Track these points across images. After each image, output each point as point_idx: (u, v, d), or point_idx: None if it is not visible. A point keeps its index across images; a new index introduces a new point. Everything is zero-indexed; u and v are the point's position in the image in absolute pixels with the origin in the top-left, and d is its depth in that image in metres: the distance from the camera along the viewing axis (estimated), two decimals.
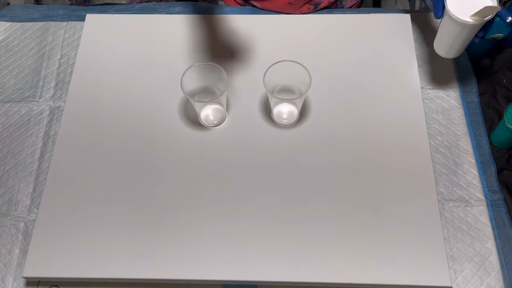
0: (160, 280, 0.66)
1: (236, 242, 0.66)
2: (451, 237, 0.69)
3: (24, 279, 0.68)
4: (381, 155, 0.72)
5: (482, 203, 0.72)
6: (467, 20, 0.64)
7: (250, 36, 0.83)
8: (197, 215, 0.68)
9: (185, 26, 0.85)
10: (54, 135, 0.79)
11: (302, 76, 0.69)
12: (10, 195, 0.74)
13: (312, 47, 0.82)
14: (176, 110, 0.77)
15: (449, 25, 0.67)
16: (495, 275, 0.67)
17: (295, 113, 0.75)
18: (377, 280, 0.64)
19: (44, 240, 0.67)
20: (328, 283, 0.64)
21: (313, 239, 0.66)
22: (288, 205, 0.69)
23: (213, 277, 0.65)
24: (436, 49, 0.73)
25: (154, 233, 0.67)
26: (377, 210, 0.68)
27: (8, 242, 0.71)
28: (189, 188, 0.70)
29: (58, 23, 0.90)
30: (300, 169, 0.71)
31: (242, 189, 0.70)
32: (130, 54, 0.83)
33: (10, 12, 0.93)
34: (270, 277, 0.64)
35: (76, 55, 0.84)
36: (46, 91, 0.83)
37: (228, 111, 0.77)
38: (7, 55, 0.88)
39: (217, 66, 0.69)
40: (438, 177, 0.73)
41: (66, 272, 0.65)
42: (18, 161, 0.77)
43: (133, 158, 0.73)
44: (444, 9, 0.66)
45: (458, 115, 0.79)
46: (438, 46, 0.73)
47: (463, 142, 0.76)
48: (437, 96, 0.80)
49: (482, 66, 0.85)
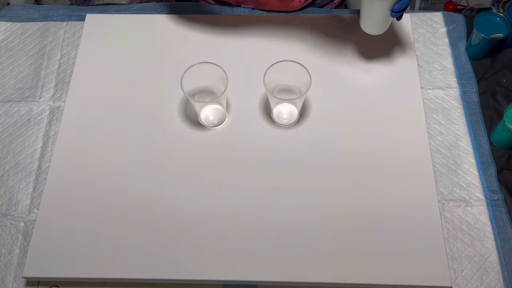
0: (160, 280, 0.66)
1: (236, 242, 0.66)
2: (451, 237, 0.69)
3: (24, 279, 0.68)
4: (381, 155, 0.72)
5: (482, 203, 0.72)
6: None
7: (250, 36, 0.83)
8: (197, 215, 0.68)
9: (185, 26, 0.85)
10: (54, 135, 0.79)
11: (302, 76, 0.69)
12: (10, 195, 0.75)
13: (312, 47, 0.82)
14: (176, 110, 0.77)
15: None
16: (495, 275, 0.67)
17: (295, 113, 0.75)
18: (377, 280, 0.64)
19: (44, 240, 0.67)
20: (328, 283, 0.64)
21: (313, 239, 0.66)
22: (288, 205, 0.69)
23: (213, 277, 0.65)
24: (361, 26, 0.75)
25: (154, 233, 0.67)
26: (377, 210, 0.68)
27: (8, 242, 0.71)
28: (189, 188, 0.70)
29: (58, 23, 0.90)
30: (300, 169, 0.71)
31: (242, 189, 0.70)
32: (130, 54, 0.83)
33: (10, 12, 0.93)
34: (270, 277, 0.64)
35: (76, 55, 0.84)
36: (46, 91, 0.83)
37: (228, 111, 0.77)
38: (7, 55, 0.88)
39: (217, 66, 0.69)
40: (438, 177, 0.73)
41: (66, 272, 0.65)
42: (18, 161, 0.77)
43: (133, 158, 0.73)
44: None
45: (458, 115, 0.79)
46: (360, 22, 0.74)
47: (463, 142, 0.76)
48: (437, 96, 0.80)
49: (482, 66, 0.85)
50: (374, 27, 0.73)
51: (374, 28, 0.73)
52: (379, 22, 0.72)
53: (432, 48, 0.85)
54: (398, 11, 0.68)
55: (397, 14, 0.69)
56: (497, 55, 0.86)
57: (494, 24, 0.83)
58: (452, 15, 0.88)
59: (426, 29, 0.87)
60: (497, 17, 0.83)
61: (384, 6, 0.68)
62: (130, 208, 0.69)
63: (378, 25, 0.73)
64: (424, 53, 0.84)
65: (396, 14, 0.68)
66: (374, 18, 0.71)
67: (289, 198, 0.69)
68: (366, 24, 0.73)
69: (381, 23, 0.72)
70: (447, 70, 0.83)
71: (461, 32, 0.86)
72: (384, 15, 0.70)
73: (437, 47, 0.85)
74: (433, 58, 0.84)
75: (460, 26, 0.87)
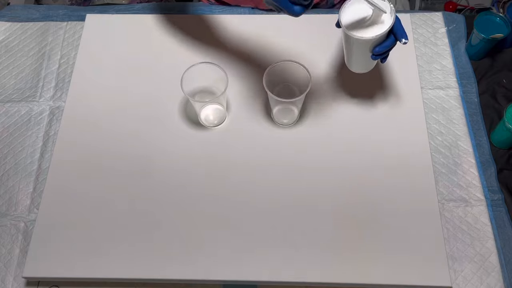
0: (160, 280, 0.66)
1: (236, 242, 0.66)
2: (451, 237, 0.69)
3: (24, 279, 0.68)
4: (381, 154, 0.72)
5: (482, 203, 0.72)
6: (353, 34, 0.59)
7: (250, 36, 0.83)
8: (197, 215, 0.68)
9: (185, 26, 0.85)
10: (54, 135, 0.79)
11: (302, 76, 0.69)
12: (10, 195, 0.75)
13: (312, 47, 0.82)
14: (176, 110, 0.77)
15: (343, 37, 0.64)
16: (495, 275, 0.67)
17: (295, 113, 0.75)
18: (377, 280, 0.64)
19: (44, 240, 0.67)
20: (328, 283, 0.64)
21: (313, 239, 0.66)
22: (288, 204, 0.69)
23: (213, 277, 0.65)
24: (346, 63, 0.70)
25: (154, 233, 0.67)
26: (377, 210, 0.68)
27: (8, 242, 0.71)
28: (189, 188, 0.70)
29: (58, 23, 0.90)
30: (300, 169, 0.71)
31: (242, 189, 0.70)
32: (130, 54, 0.83)
33: (10, 12, 0.93)
34: (270, 277, 0.64)
35: (76, 55, 0.84)
36: (46, 91, 0.83)
37: (228, 111, 0.77)
38: (7, 55, 0.88)
39: (217, 66, 0.69)
40: (438, 177, 0.73)
41: (66, 272, 0.65)
42: (18, 161, 0.77)
43: (133, 158, 0.73)
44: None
45: (458, 115, 0.79)
46: (345, 59, 0.69)
47: (463, 142, 0.76)
48: (437, 96, 0.80)
49: (482, 66, 0.85)
50: (357, 66, 0.69)
51: (358, 68, 0.69)
52: (361, 62, 0.67)
53: (432, 48, 0.85)
54: (379, 54, 0.62)
55: (378, 57, 0.63)
56: (497, 55, 0.86)
57: (494, 24, 0.83)
58: (452, 15, 0.88)
59: (426, 29, 0.87)
60: (497, 17, 0.83)
61: (364, 48, 0.63)
62: (130, 208, 0.69)
63: (361, 65, 0.68)
64: (424, 53, 0.84)
65: (376, 57, 0.63)
66: (355, 58, 0.67)
67: (289, 198, 0.69)
68: (349, 63, 0.69)
69: (364, 63, 0.67)
70: (447, 70, 0.83)
71: (461, 32, 0.86)
72: (364, 57, 0.64)
73: (437, 47, 0.85)
74: (433, 58, 0.84)
75: (460, 26, 0.87)
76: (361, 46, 0.62)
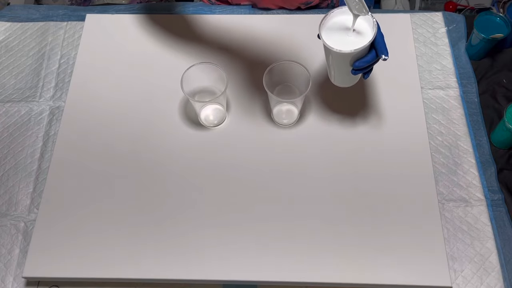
0: (160, 280, 0.66)
1: (236, 242, 0.66)
2: (451, 237, 0.69)
3: (24, 279, 0.68)
4: (381, 154, 0.72)
5: (482, 203, 0.72)
6: (332, 47, 0.58)
7: (250, 36, 0.83)
8: (197, 215, 0.68)
9: (185, 26, 0.85)
10: (54, 135, 0.79)
11: (302, 76, 0.69)
12: (10, 195, 0.74)
13: (312, 47, 0.82)
14: (176, 110, 0.77)
15: (324, 49, 0.62)
16: (495, 275, 0.67)
17: (295, 113, 0.75)
18: (377, 280, 0.64)
19: (44, 240, 0.67)
20: (328, 283, 0.64)
21: (313, 239, 0.66)
22: (288, 205, 0.69)
23: (213, 277, 0.65)
24: (329, 77, 0.69)
25: (154, 233, 0.67)
26: (377, 210, 0.68)
27: (8, 242, 0.71)
28: (189, 188, 0.70)
29: (58, 23, 0.90)
30: (300, 169, 0.71)
31: (242, 189, 0.70)
32: (130, 54, 0.83)
33: (10, 12, 0.93)
34: (270, 277, 0.64)
35: (76, 55, 0.84)
36: (46, 91, 0.83)
37: (228, 111, 0.77)
38: (7, 55, 0.88)
39: (217, 66, 0.69)
40: (438, 177, 0.73)
41: (66, 272, 0.65)
42: (18, 161, 0.77)
43: (133, 158, 0.73)
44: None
45: (458, 115, 0.79)
46: (328, 71, 0.68)
47: (463, 142, 0.76)
48: (437, 96, 0.80)
49: (482, 66, 0.85)
50: (339, 80, 0.67)
51: (339, 81, 0.67)
52: (342, 76, 0.66)
53: (432, 48, 0.85)
54: (359, 69, 0.60)
55: (358, 72, 0.61)
56: (497, 55, 0.86)
57: (494, 24, 0.83)
58: (452, 15, 0.88)
59: (426, 29, 0.87)
60: (497, 17, 0.83)
61: (343, 62, 0.61)
62: (129, 208, 0.69)
63: (342, 79, 0.67)
64: (424, 53, 0.84)
65: (356, 72, 0.61)
66: (335, 72, 0.65)
67: (289, 198, 0.69)
68: (331, 77, 0.68)
69: (345, 77, 0.66)
70: (447, 70, 0.83)
71: (461, 32, 0.86)
72: (345, 71, 0.63)
73: (437, 47, 0.85)
74: (433, 58, 0.84)
75: (460, 26, 0.87)
76: (341, 59, 0.61)
